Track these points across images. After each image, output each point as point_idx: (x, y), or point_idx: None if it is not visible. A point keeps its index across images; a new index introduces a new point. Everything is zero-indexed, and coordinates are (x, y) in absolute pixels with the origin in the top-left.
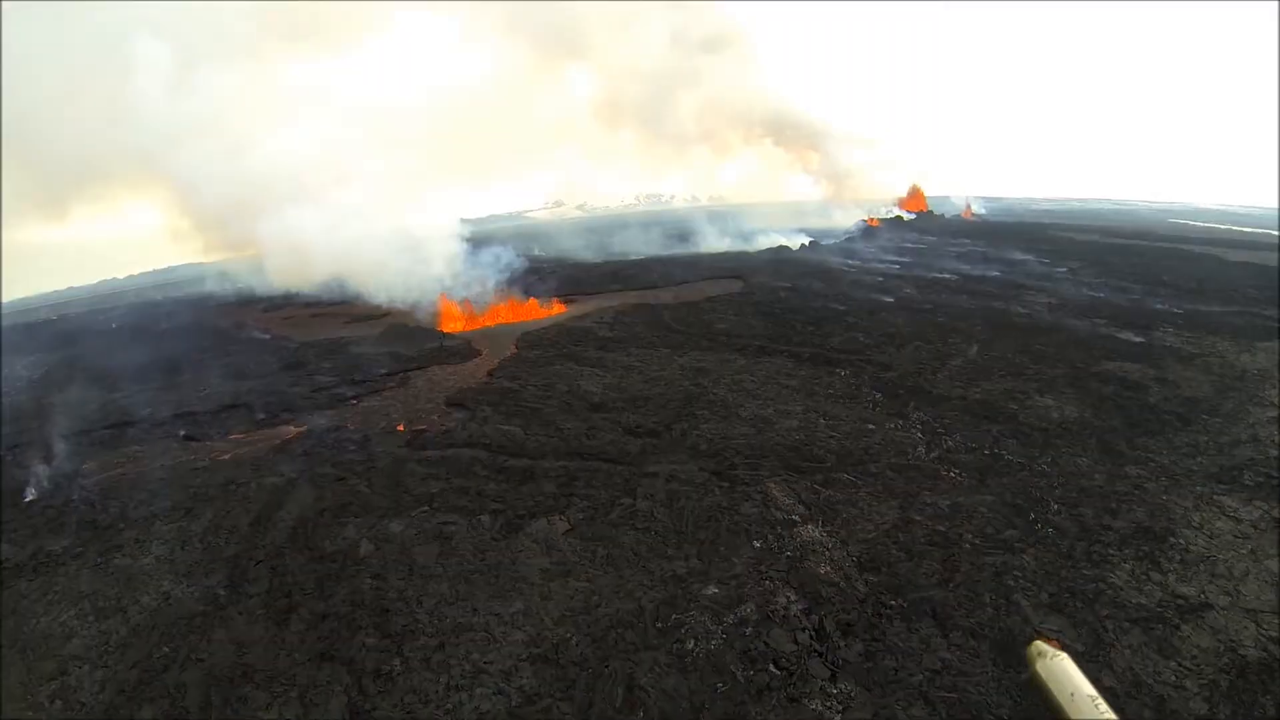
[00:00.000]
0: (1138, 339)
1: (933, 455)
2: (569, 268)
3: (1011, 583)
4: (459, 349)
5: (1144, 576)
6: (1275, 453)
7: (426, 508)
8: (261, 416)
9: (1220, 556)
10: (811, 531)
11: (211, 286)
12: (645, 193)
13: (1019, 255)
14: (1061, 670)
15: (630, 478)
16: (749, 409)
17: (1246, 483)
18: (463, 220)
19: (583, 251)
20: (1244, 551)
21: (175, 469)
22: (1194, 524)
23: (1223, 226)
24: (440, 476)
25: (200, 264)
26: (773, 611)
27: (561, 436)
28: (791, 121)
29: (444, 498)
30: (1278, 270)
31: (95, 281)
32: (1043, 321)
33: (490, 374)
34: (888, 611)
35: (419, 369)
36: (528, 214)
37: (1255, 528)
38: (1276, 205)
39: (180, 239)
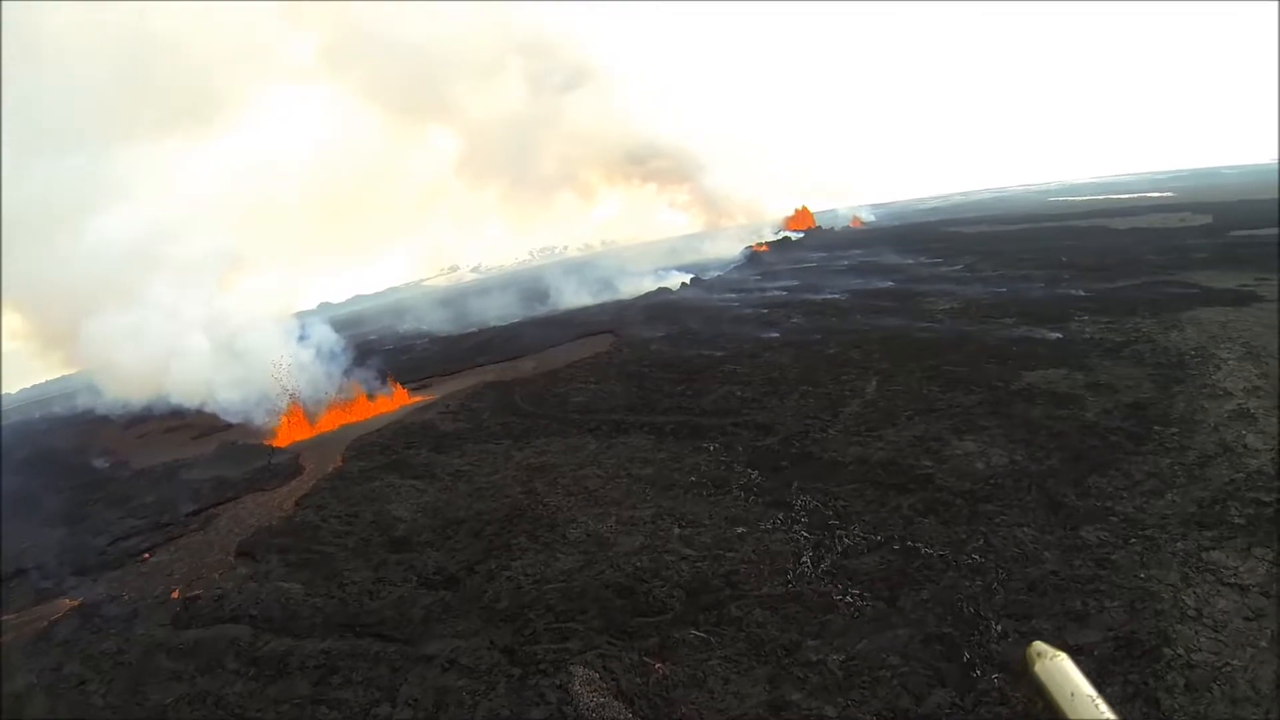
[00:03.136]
0: (1054, 335)
1: (822, 567)
2: (437, 343)
3: None
4: (284, 467)
5: None
6: (1256, 462)
7: None
8: (45, 585)
9: (1234, 662)
10: None
11: (84, 400)
12: (538, 247)
13: (912, 259)
14: (1061, 670)
15: (400, 665)
16: (583, 524)
17: (1235, 520)
18: (358, 296)
19: (454, 322)
20: (1263, 644)
21: None
22: (1189, 611)
23: (1100, 198)
24: (184, 675)
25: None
26: None
27: (342, 595)
28: (658, 152)
29: (176, 711)
30: (1171, 232)
31: None
32: (948, 334)
33: (299, 502)
34: None
35: (232, 499)
36: (425, 282)
37: (1266, 595)
38: (1143, 171)
39: (37, 354)
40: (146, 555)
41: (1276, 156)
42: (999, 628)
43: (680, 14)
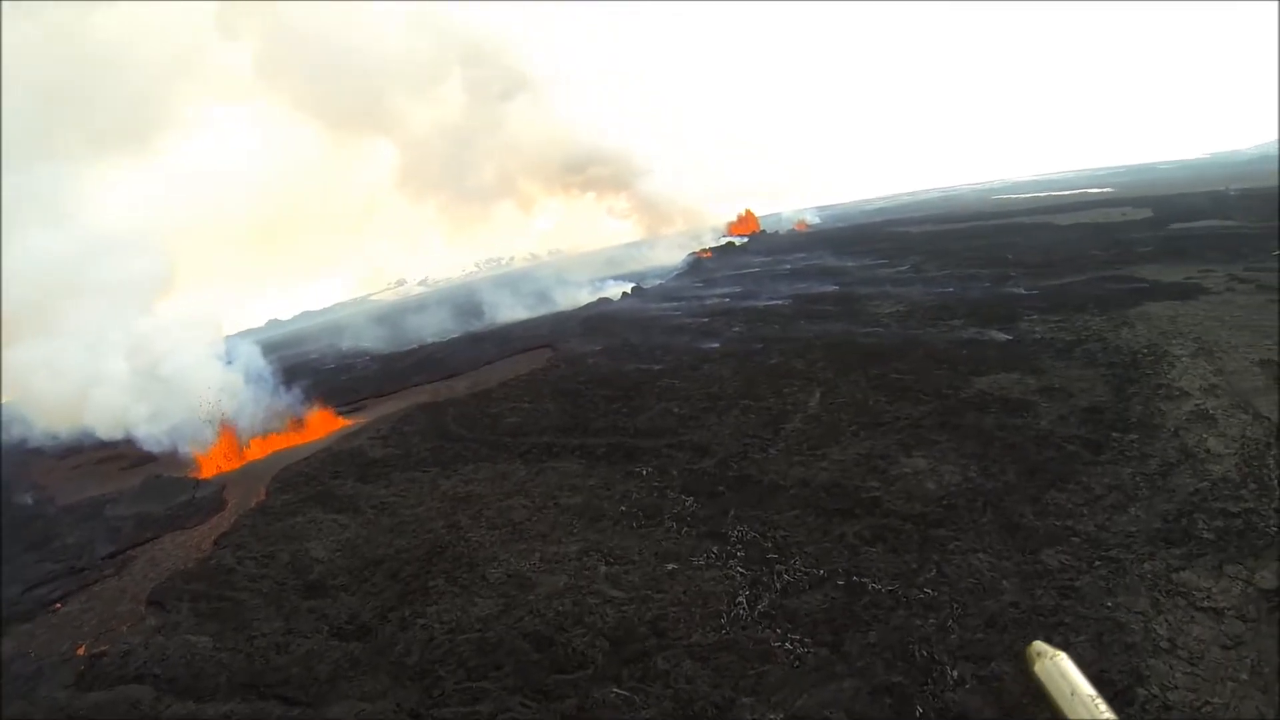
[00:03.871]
0: (1004, 336)
1: (759, 609)
2: (377, 362)
3: None
4: (208, 501)
5: None
6: (1220, 469)
7: None
8: None
9: (1214, 700)
10: None
11: (18, 430)
12: (484, 258)
13: (856, 261)
14: (1061, 670)
15: None
16: (504, 562)
17: (1205, 535)
18: (306, 313)
19: (393, 340)
20: (1244, 677)
21: None
22: (1162, 643)
23: (1043, 195)
24: None
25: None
26: None
27: (250, 650)
28: (595, 159)
29: None
30: (1112, 227)
31: None
32: (894, 340)
33: (217, 541)
34: None
35: (152, 539)
36: (372, 297)
37: (1243, 619)
38: (1082, 168)
39: None
40: (58, 605)
41: (1209, 151)
42: (955, 673)
43: (616, 14)
